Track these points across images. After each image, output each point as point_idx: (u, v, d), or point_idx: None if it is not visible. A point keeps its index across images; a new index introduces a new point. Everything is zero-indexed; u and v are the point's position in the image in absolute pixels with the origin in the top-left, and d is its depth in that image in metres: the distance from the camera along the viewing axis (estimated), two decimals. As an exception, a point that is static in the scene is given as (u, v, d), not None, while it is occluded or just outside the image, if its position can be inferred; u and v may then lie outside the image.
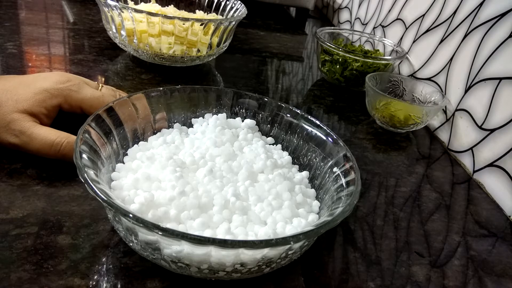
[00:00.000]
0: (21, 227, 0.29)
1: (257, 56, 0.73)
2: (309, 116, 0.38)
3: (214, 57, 0.61)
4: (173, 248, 0.24)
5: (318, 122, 0.37)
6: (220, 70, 0.64)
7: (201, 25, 0.55)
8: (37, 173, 0.34)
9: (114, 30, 0.56)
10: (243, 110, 0.41)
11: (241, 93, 0.41)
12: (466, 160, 0.50)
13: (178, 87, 0.38)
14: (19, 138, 0.34)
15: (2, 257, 0.27)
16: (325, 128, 0.37)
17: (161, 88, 0.38)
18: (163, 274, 0.28)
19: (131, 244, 0.27)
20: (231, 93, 0.40)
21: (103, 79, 0.53)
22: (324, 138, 0.36)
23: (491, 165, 0.46)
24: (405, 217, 0.39)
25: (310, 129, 0.38)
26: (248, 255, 0.24)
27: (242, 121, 0.40)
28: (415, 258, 0.34)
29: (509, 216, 0.42)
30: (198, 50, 0.57)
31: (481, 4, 0.50)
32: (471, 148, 0.50)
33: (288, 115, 0.39)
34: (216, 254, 0.24)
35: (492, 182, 0.46)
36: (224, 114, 0.40)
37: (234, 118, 0.40)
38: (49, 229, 0.29)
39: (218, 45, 0.59)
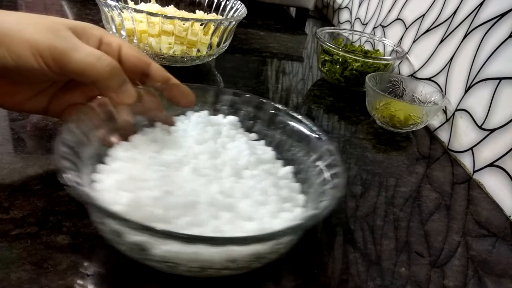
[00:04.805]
0: (21, 227, 0.29)
1: (257, 56, 0.73)
2: (291, 111, 0.38)
3: (214, 57, 0.61)
4: (161, 248, 0.24)
5: (300, 117, 0.37)
6: (220, 70, 0.64)
7: (201, 25, 0.55)
8: (37, 173, 0.34)
9: (114, 30, 0.56)
10: (225, 107, 0.40)
11: (223, 90, 0.40)
12: (466, 160, 0.50)
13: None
14: (66, 41, 0.30)
15: (2, 257, 0.27)
16: (307, 122, 0.37)
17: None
18: (163, 274, 0.28)
19: (118, 246, 0.27)
20: (213, 90, 0.40)
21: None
22: (307, 132, 0.36)
23: (491, 165, 0.46)
24: (405, 217, 0.39)
25: (292, 123, 0.37)
26: (237, 251, 0.24)
27: (224, 118, 0.40)
28: (415, 258, 0.34)
29: (509, 216, 0.42)
30: (198, 50, 0.57)
31: (481, 4, 0.50)
32: (471, 148, 0.50)
33: (270, 110, 0.39)
34: (205, 252, 0.24)
35: (492, 182, 0.46)
36: (206, 112, 0.39)
37: (216, 115, 0.40)
38: (49, 229, 0.29)
39: (218, 45, 0.59)
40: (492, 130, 0.47)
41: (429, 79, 0.59)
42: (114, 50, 0.34)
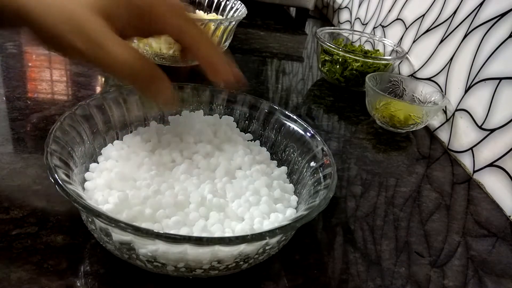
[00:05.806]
0: (21, 227, 0.29)
1: (257, 56, 0.73)
2: (286, 111, 0.38)
3: (214, 57, 0.61)
4: (148, 247, 0.24)
5: (295, 117, 0.37)
6: (220, 70, 0.64)
7: (201, 25, 0.55)
8: (37, 173, 0.34)
9: (114, 30, 0.56)
10: (221, 107, 0.40)
11: (219, 90, 0.40)
12: (466, 160, 0.50)
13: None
14: (89, 44, 0.25)
15: (2, 257, 0.27)
16: (302, 123, 0.37)
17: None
18: (164, 274, 0.28)
19: (105, 245, 0.27)
20: (208, 90, 0.40)
21: None
22: (302, 132, 0.36)
23: (491, 165, 0.46)
24: (405, 217, 0.39)
25: (288, 124, 0.38)
26: (224, 251, 0.24)
27: (220, 117, 0.39)
28: (415, 258, 0.34)
29: (509, 216, 0.42)
30: (198, 50, 0.57)
31: (481, 4, 0.50)
32: (471, 148, 0.50)
33: (266, 110, 0.39)
34: (192, 252, 0.24)
35: (492, 182, 0.46)
36: (201, 111, 0.39)
37: (212, 115, 0.40)
38: (49, 229, 0.29)
39: (218, 45, 0.59)
40: (492, 130, 0.47)
41: (429, 79, 0.59)
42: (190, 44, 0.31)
